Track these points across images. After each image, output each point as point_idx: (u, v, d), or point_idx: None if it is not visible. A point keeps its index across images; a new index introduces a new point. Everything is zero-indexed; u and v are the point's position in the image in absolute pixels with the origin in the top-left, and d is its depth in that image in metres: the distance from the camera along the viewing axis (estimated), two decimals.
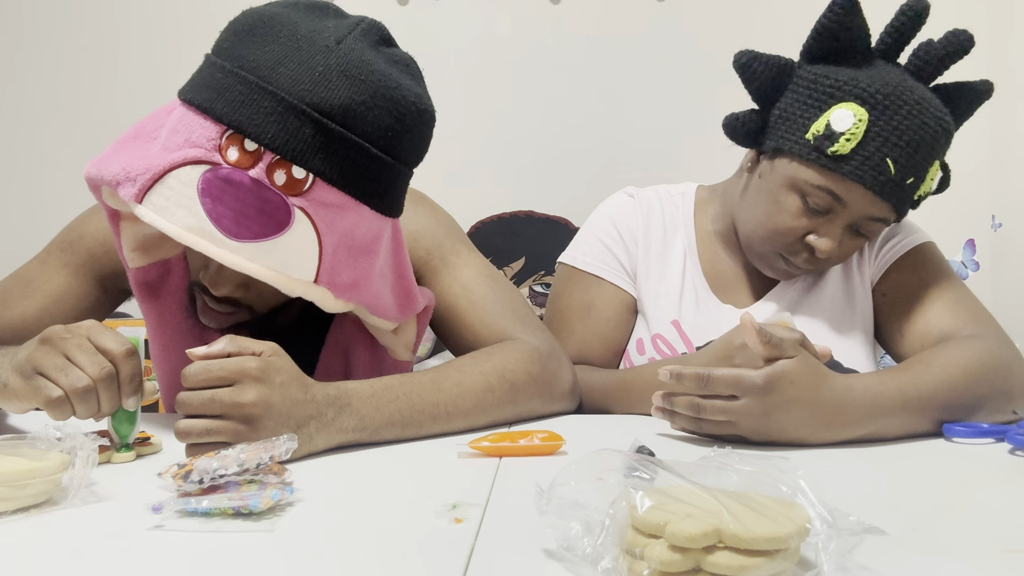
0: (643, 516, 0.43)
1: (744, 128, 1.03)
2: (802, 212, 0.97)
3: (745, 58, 1.00)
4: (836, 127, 0.92)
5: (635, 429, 0.88)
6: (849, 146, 0.92)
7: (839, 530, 0.45)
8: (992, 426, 0.81)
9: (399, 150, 0.78)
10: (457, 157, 2.61)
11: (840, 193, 0.94)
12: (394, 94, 0.75)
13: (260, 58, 0.73)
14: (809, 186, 0.95)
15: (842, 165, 0.92)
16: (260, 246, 0.72)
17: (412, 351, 0.95)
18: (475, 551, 0.51)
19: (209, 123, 0.72)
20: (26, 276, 0.96)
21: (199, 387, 0.68)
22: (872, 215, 0.96)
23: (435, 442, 0.81)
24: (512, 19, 2.63)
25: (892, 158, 0.92)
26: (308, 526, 0.56)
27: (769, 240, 1.01)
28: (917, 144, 0.92)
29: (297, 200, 0.73)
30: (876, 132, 0.92)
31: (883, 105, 0.92)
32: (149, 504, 0.56)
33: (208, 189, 0.71)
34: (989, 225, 2.66)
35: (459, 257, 0.99)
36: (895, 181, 0.93)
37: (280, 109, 0.71)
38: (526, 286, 2.51)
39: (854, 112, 0.92)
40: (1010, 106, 2.53)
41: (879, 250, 1.09)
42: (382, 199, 0.79)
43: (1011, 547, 0.51)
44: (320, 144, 0.72)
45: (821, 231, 0.97)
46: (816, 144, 0.94)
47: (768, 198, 1.00)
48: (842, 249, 0.99)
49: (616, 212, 1.15)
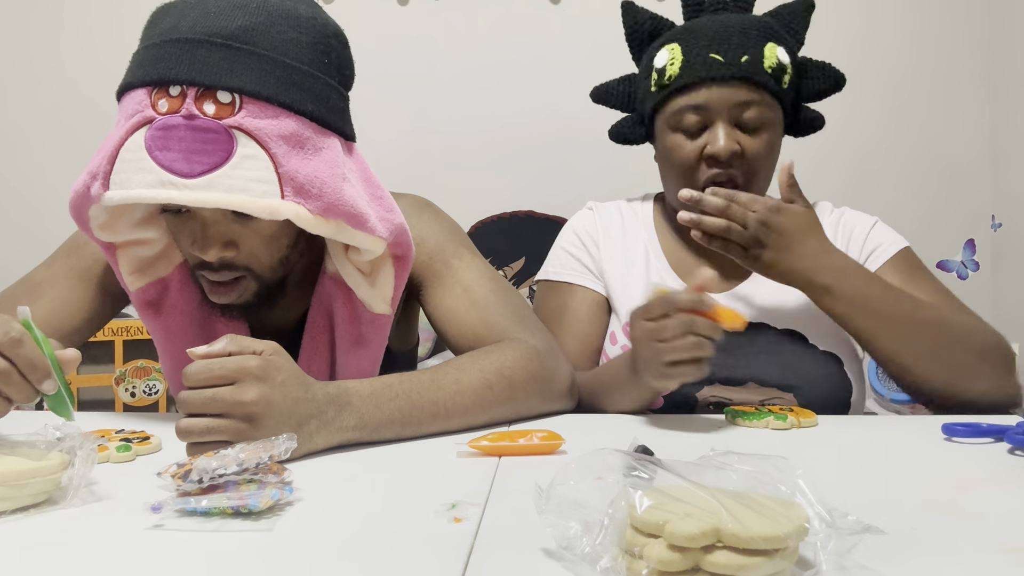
0: (642, 515, 0.43)
1: (627, 129, 1.17)
2: (685, 139, 1.05)
3: (596, 94, 1.19)
4: (659, 64, 1.06)
5: (634, 429, 0.88)
6: (676, 66, 1.04)
7: (838, 529, 0.45)
8: (991, 426, 0.81)
9: (312, 60, 0.82)
10: (457, 157, 2.61)
11: (695, 102, 1.03)
12: (290, 12, 0.82)
13: (166, 25, 0.80)
14: (674, 118, 1.05)
15: (680, 80, 1.04)
16: (217, 176, 0.76)
17: (391, 306, 0.95)
18: (474, 550, 0.51)
19: (138, 91, 0.78)
20: (33, 280, 0.99)
21: (200, 386, 0.69)
22: (736, 101, 1.02)
23: (434, 441, 0.81)
24: (512, 19, 2.63)
25: (714, 51, 1.02)
26: (307, 525, 0.56)
27: (683, 181, 1.06)
28: (732, 33, 1.03)
29: (231, 121, 0.76)
30: (691, 46, 1.04)
31: (688, 31, 1.06)
32: (148, 504, 0.56)
33: (153, 142, 0.76)
34: (989, 225, 2.66)
35: (462, 260, 1.00)
36: (728, 64, 1.02)
37: (187, 49, 0.77)
38: (526, 286, 2.51)
39: (667, 48, 1.07)
40: (1010, 107, 2.53)
41: (863, 247, 1.10)
42: (315, 109, 0.81)
43: (1011, 547, 0.51)
44: (231, 65, 0.77)
45: (710, 141, 1.03)
46: (657, 87, 1.07)
47: (662, 154, 1.10)
48: (748, 147, 1.04)
49: (577, 223, 1.22)
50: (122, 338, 2.43)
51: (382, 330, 0.96)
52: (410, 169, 2.49)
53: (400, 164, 2.44)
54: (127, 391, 2.43)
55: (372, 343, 0.96)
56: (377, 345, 0.96)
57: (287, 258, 0.90)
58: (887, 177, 2.67)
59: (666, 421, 0.92)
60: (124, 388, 2.43)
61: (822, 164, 2.54)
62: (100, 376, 2.41)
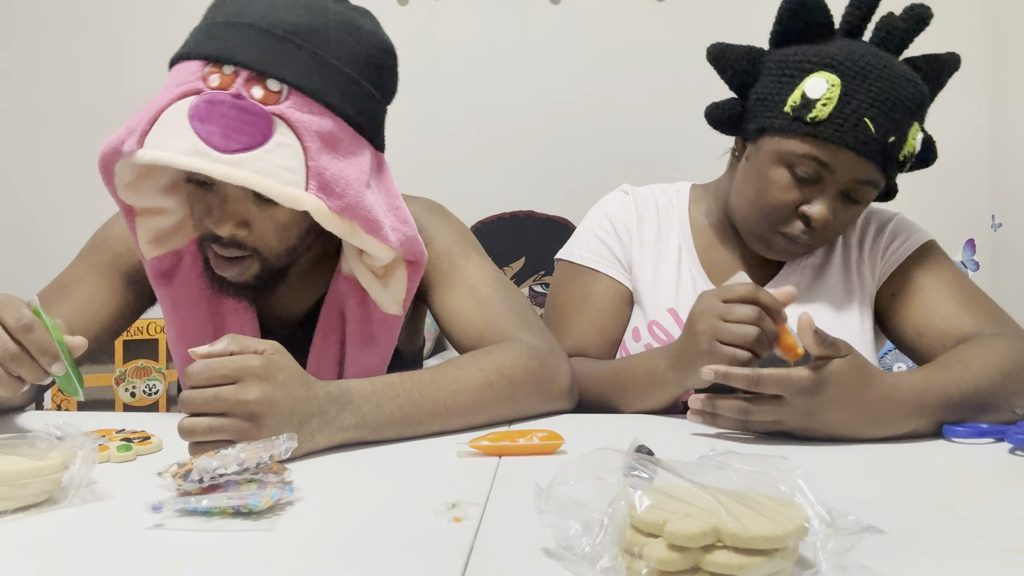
0: (642, 515, 0.43)
1: (725, 114, 1.06)
2: (792, 184, 0.99)
3: (717, 50, 1.04)
4: (811, 95, 0.95)
5: (634, 428, 0.88)
6: (826, 110, 0.94)
7: (838, 529, 0.45)
8: (992, 426, 0.81)
9: (363, 69, 0.86)
10: (457, 157, 2.61)
11: (825, 158, 0.96)
12: (351, 24, 0.85)
13: (233, 9, 0.83)
14: (794, 156, 0.97)
15: (822, 130, 0.95)
16: (249, 157, 0.78)
17: (402, 308, 0.97)
18: (474, 550, 0.51)
19: (192, 63, 0.81)
20: (60, 281, 1.02)
21: (202, 385, 0.69)
22: (860, 177, 0.97)
23: (435, 441, 0.81)
24: (512, 19, 2.63)
25: (870, 117, 0.94)
26: (308, 525, 0.56)
27: (764, 218, 1.02)
28: (893, 103, 0.95)
29: (275, 108, 0.79)
30: (851, 95, 0.94)
31: (853, 70, 0.95)
32: (149, 503, 0.56)
33: (196, 113, 0.78)
34: (989, 225, 2.66)
35: (469, 261, 1.01)
36: (876, 140, 0.94)
37: (250, 34, 0.81)
38: (526, 286, 2.51)
39: (827, 79, 0.95)
40: (1010, 107, 2.53)
41: (884, 250, 1.10)
42: (355, 115, 0.85)
43: (1011, 547, 0.51)
44: (287, 57, 0.81)
45: (813, 200, 0.98)
46: (795, 115, 0.96)
47: (757, 176, 1.02)
48: (838, 218, 1.01)
49: (611, 207, 1.18)
50: (122, 338, 2.42)
51: (393, 330, 0.98)
52: (410, 169, 2.49)
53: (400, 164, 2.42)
54: (127, 391, 2.44)
55: (382, 342, 0.98)
56: (387, 345, 0.99)
57: (294, 248, 0.91)
58: None
59: (666, 421, 0.92)
60: (124, 388, 2.43)
61: None
62: (100, 376, 2.41)
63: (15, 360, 0.71)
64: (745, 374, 0.79)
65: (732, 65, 1.04)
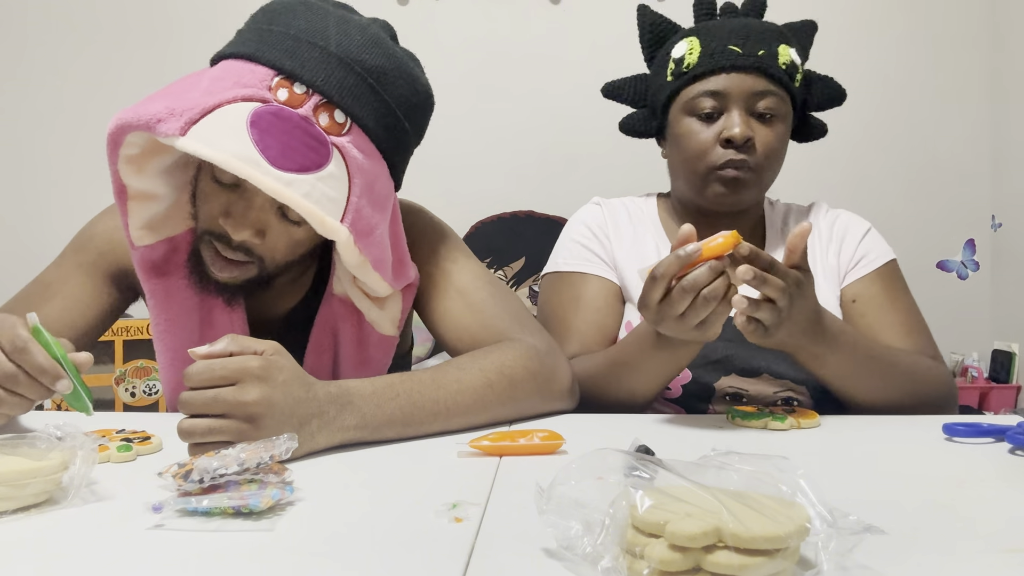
0: (643, 515, 0.43)
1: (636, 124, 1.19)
2: (701, 124, 1.08)
3: (607, 88, 1.22)
4: (677, 55, 1.09)
5: (635, 428, 0.88)
6: (695, 56, 1.07)
7: (839, 529, 0.45)
8: (992, 425, 0.82)
9: (412, 119, 0.90)
10: (457, 157, 2.61)
11: (713, 87, 1.06)
12: (411, 73, 0.88)
13: (304, 24, 0.83)
14: (691, 103, 1.08)
15: (698, 68, 1.07)
16: (299, 178, 0.78)
17: (397, 327, 0.98)
18: (475, 550, 0.51)
19: (260, 68, 0.80)
20: (44, 280, 1.01)
21: (202, 386, 0.69)
22: (754, 90, 1.06)
23: (435, 441, 0.81)
24: (512, 19, 2.63)
25: (732, 43, 1.06)
26: (308, 525, 0.56)
27: (697, 166, 1.09)
28: (748, 30, 1.07)
29: (336, 140, 0.81)
30: (711, 36, 1.08)
31: (704, 27, 1.10)
32: (149, 503, 0.56)
33: (258, 121, 0.77)
34: (989, 225, 2.66)
35: (455, 263, 1.01)
36: (746, 55, 1.05)
37: (330, 60, 0.81)
38: (526, 286, 2.51)
39: (686, 40, 1.10)
40: (1010, 107, 2.53)
41: (854, 253, 1.14)
42: (396, 161, 0.90)
43: (1011, 547, 0.51)
44: (360, 94, 0.83)
45: (726, 126, 1.06)
46: (675, 76, 1.09)
47: (677, 141, 1.12)
48: (761, 137, 1.07)
49: (586, 216, 1.22)
50: (122, 338, 2.43)
51: (388, 351, 0.99)
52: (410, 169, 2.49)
53: None
54: (127, 391, 2.44)
55: (378, 363, 0.99)
56: (382, 365, 0.99)
57: (293, 263, 0.92)
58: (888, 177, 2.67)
59: (667, 421, 0.92)
60: (124, 388, 2.43)
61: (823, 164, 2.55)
62: (100, 376, 2.41)
63: (12, 381, 0.70)
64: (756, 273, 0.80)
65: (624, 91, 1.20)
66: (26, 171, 2.65)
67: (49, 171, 2.63)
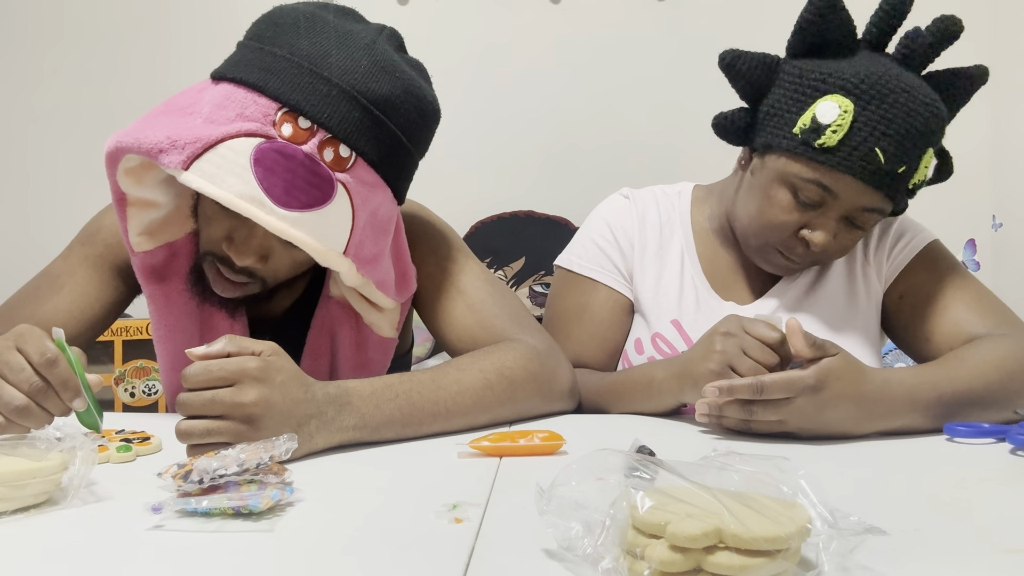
0: (644, 516, 0.43)
1: (733, 126, 1.03)
2: (794, 206, 0.97)
3: (730, 57, 1.00)
4: (822, 119, 0.92)
5: (635, 429, 0.88)
6: (836, 138, 0.91)
7: (840, 530, 0.45)
8: (993, 426, 0.81)
9: (418, 142, 0.88)
10: (457, 157, 2.60)
11: (830, 185, 0.93)
12: (418, 92, 0.85)
13: (309, 48, 0.80)
14: (799, 180, 0.95)
15: (830, 157, 0.92)
16: (304, 216, 0.78)
17: (396, 329, 0.98)
18: (475, 551, 0.51)
19: (264, 100, 0.78)
20: (52, 273, 1.00)
21: (199, 388, 0.68)
22: (865, 205, 0.95)
23: (435, 442, 0.81)
24: (512, 19, 2.63)
25: (881, 147, 0.91)
26: (308, 526, 0.56)
27: (763, 235, 1.01)
28: (906, 132, 0.91)
29: (341, 176, 0.80)
30: (863, 122, 0.91)
31: (868, 95, 0.91)
32: (149, 504, 0.56)
33: (262, 159, 0.76)
34: (989, 225, 2.66)
35: (455, 264, 1.01)
36: (885, 170, 0.92)
37: (334, 93, 0.79)
38: (526, 286, 2.51)
39: (839, 104, 0.92)
40: (1011, 106, 2.53)
41: (889, 251, 1.09)
42: (400, 185, 0.88)
43: (1011, 547, 0.51)
44: (365, 127, 0.81)
45: (814, 224, 0.97)
46: (804, 138, 0.94)
47: (760, 194, 1.00)
48: (839, 242, 0.99)
49: (611, 214, 1.16)
50: (122, 338, 2.42)
51: (387, 353, 0.99)
52: None
53: None
54: (127, 391, 2.43)
55: (377, 365, 0.99)
56: (381, 367, 0.99)
57: (294, 278, 0.93)
58: None
59: (667, 422, 0.92)
60: (124, 388, 2.43)
61: None
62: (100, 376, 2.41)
63: (40, 395, 0.69)
64: (749, 384, 0.79)
65: (745, 75, 1.00)
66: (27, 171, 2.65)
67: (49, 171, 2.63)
